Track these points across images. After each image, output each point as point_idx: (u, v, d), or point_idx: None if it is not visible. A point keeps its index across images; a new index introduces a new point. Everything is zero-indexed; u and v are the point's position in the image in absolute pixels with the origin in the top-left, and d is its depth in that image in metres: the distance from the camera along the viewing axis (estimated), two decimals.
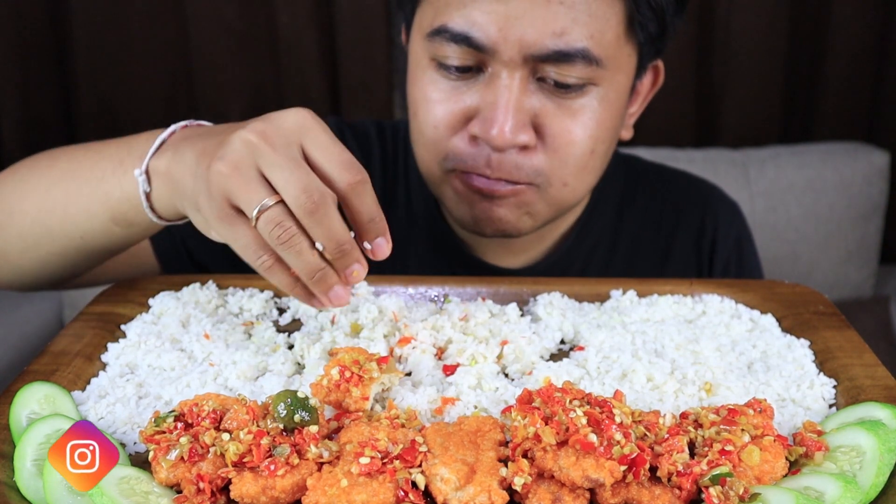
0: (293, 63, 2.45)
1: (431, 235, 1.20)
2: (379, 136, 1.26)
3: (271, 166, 0.72)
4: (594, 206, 1.22)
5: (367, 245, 0.79)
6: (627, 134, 1.13)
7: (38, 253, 0.97)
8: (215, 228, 0.76)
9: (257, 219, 0.72)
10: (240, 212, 0.74)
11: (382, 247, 0.78)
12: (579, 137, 1.00)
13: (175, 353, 0.82)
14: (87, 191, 0.91)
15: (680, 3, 1.02)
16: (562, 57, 0.94)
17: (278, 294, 0.96)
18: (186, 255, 1.17)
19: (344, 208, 0.76)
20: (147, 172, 0.84)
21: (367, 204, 0.76)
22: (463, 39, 0.95)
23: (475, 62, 0.97)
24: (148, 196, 0.85)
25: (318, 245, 0.74)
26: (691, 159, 2.37)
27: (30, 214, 0.95)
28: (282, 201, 0.72)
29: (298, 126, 0.75)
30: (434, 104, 1.01)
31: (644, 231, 1.25)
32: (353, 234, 0.77)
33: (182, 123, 0.87)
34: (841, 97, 2.53)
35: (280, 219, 0.72)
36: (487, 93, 0.98)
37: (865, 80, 2.53)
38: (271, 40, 2.44)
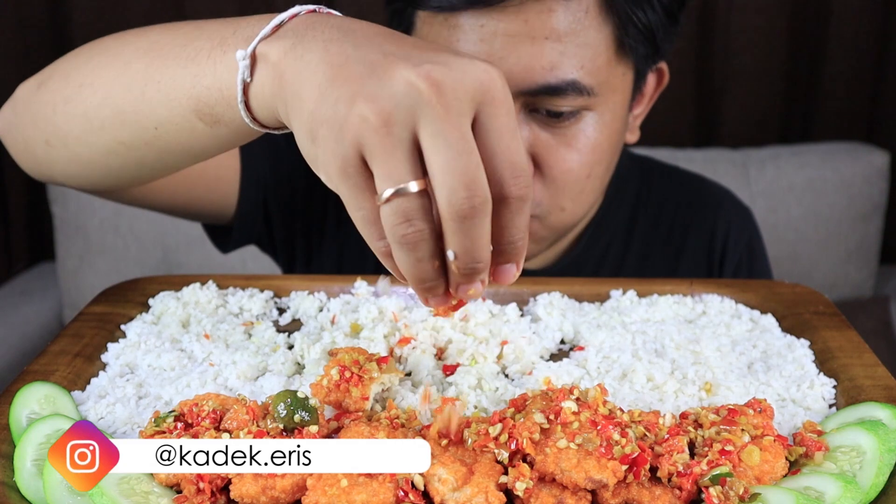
0: None
1: None
2: None
3: (436, 136, 0.55)
4: (608, 206, 1.23)
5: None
6: (633, 137, 1.13)
7: (103, 139, 0.80)
8: (330, 179, 0.59)
9: (387, 200, 0.56)
10: (371, 174, 0.58)
11: (509, 273, 0.61)
12: (576, 165, 1.00)
13: (175, 353, 0.82)
14: (172, 70, 0.73)
15: (671, 19, 1.01)
16: (551, 90, 0.94)
17: (278, 294, 0.96)
18: (264, 220, 1.18)
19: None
20: (253, 57, 0.65)
21: (517, 225, 0.59)
22: None
23: None
24: (246, 87, 0.66)
25: (449, 253, 0.58)
26: (691, 159, 2.37)
27: (101, 90, 0.78)
28: (425, 189, 0.57)
29: (483, 89, 0.56)
30: None
31: (657, 231, 1.26)
32: None
33: (309, 7, 0.67)
34: (841, 97, 2.53)
35: (414, 216, 0.56)
36: None
37: (865, 80, 2.53)
38: None
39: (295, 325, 0.91)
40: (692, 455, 0.64)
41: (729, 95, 2.52)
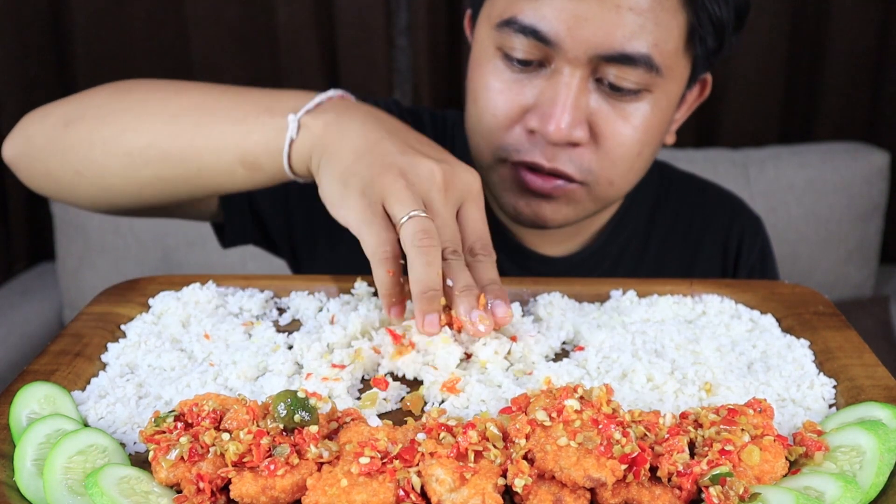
0: (293, 63, 2.45)
1: None
2: (432, 123, 1.31)
3: (436, 213, 0.79)
4: (628, 206, 1.27)
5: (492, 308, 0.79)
6: (670, 139, 1.17)
7: (143, 174, 0.97)
8: (351, 216, 0.80)
9: (409, 218, 0.77)
10: (385, 216, 0.79)
11: (500, 308, 0.79)
12: (629, 140, 1.03)
13: (175, 353, 0.82)
14: (222, 127, 0.92)
15: (739, 20, 1.05)
16: (626, 60, 0.97)
17: (278, 294, 0.96)
18: (248, 199, 1.22)
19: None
20: (298, 123, 0.87)
21: (488, 272, 0.82)
22: (531, 32, 0.98)
23: (539, 56, 1.00)
24: (291, 143, 0.88)
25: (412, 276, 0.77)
26: (691, 159, 2.37)
27: (146, 136, 0.95)
28: None
29: (470, 188, 0.84)
30: (495, 93, 1.04)
31: (673, 234, 1.30)
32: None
33: (340, 92, 0.92)
34: (841, 97, 2.53)
35: (429, 227, 0.77)
36: (548, 88, 1.01)
37: (865, 80, 2.53)
38: (271, 40, 2.44)
39: (295, 325, 0.91)
40: (692, 455, 0.64)
41: (729, 95, 2.52)
